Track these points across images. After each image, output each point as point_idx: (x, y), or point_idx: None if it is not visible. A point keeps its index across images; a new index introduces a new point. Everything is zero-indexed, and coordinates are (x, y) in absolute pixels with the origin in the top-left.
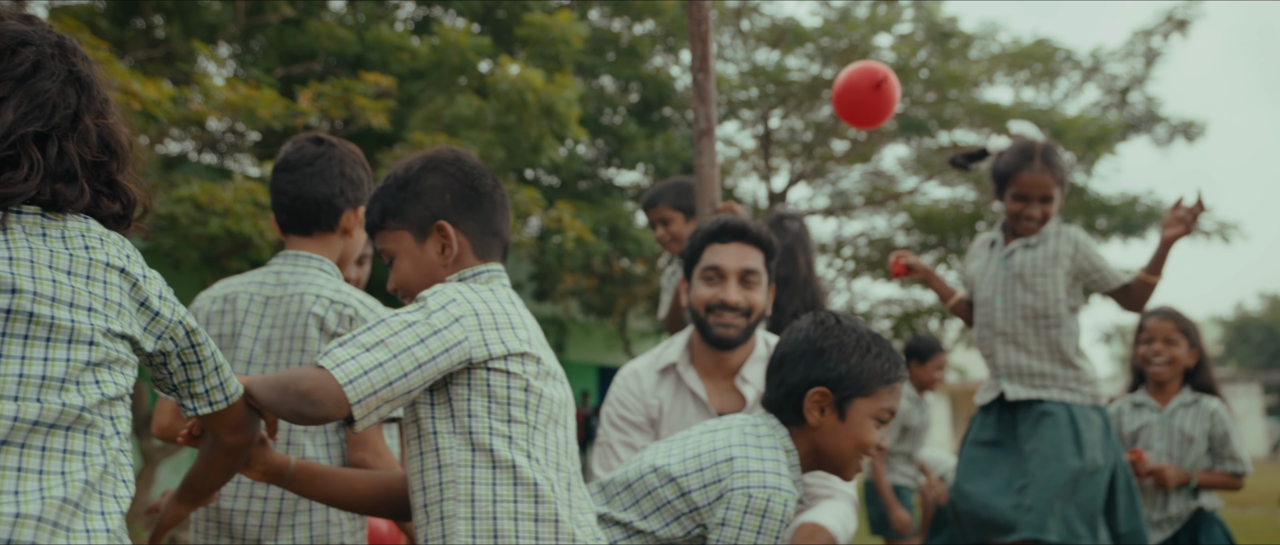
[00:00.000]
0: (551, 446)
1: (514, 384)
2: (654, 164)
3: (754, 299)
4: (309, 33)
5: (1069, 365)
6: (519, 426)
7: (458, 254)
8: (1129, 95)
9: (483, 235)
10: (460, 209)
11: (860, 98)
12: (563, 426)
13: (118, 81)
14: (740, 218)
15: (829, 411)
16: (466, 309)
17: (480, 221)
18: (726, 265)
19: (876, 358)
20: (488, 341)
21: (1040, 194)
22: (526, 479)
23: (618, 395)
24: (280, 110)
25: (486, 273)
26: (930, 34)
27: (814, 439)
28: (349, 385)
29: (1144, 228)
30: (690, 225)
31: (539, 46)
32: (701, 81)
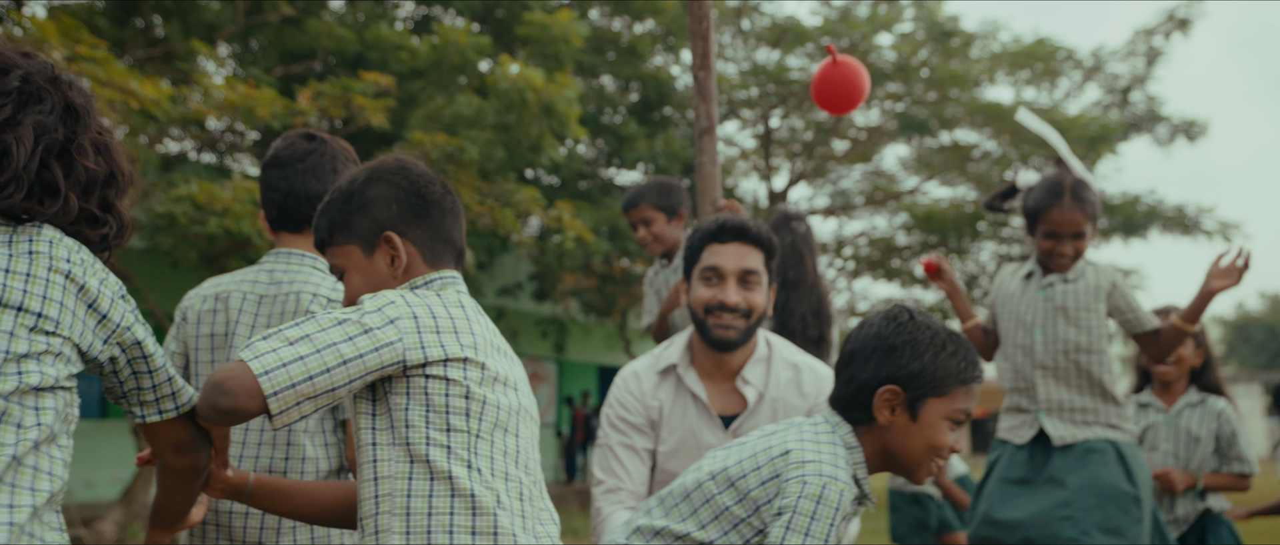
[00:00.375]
0: (498, 455)
1: (453, 391)
2: (654, 163)
3: (754, 300)
4: (308, 32)
5: (1111, 400)
6: (459, 435)
7: (407, 264)
8: (1130, 94)
9: (432, 243)
10: (407, 218)
11: (825, 79)
12: (513, 434)
13: (116, 80)
14: (739, 217)
15: (900, 411)
16: (403, 312)
17: (429, 230)
18: (725, 266)
19: (951, 356)
20: (424, 345)
21: (1072, 231)
22: (463, 490)
23: (618, 397)
24: (279, 109)
25: (439, 280)
26: (931, 33)
27: (884, 439)
28: (264, 376)
29: (1145, 227)
30: (673, 226)
31: (539, 45)
32: (702, 79)
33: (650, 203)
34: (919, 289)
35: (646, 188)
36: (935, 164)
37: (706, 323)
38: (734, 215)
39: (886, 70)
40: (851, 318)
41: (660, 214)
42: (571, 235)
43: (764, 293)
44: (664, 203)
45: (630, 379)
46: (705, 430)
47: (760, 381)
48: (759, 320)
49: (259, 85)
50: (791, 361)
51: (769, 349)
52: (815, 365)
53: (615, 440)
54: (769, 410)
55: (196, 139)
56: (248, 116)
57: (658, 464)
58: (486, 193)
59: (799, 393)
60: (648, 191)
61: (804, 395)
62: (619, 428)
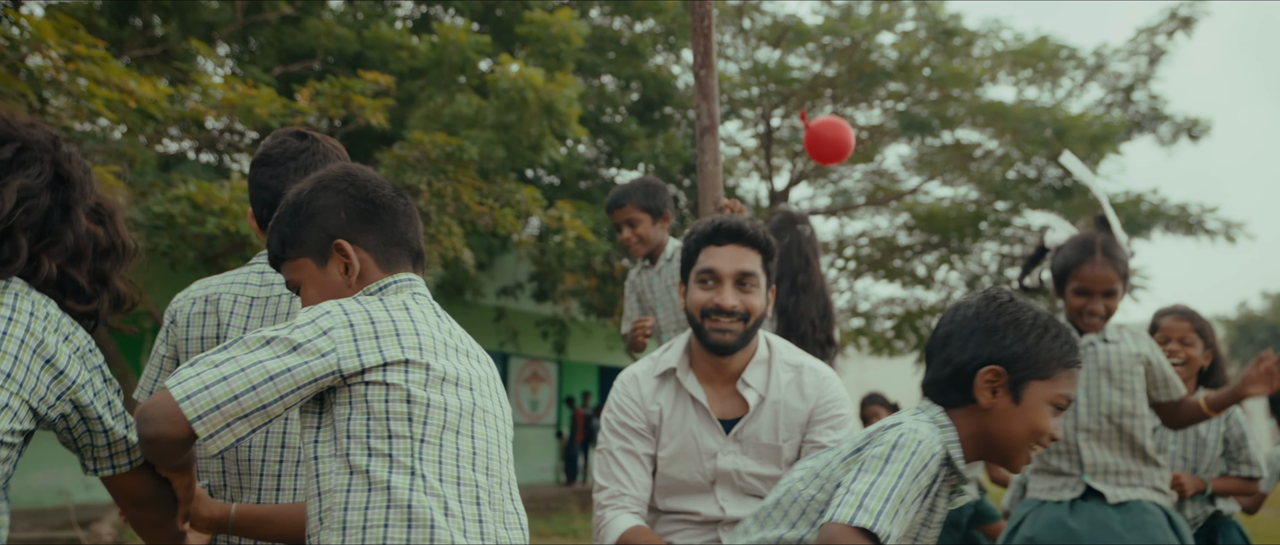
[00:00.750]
0: (448, 459)
1: (393, 396)
2: (655, 163)
3: (751, 303)
4: (307, 31)
5: (1152, 463)
6: (401, 441)
7: (361, 271)
8: (1133, 93)
9: (386, 247)
10: (357, 225)
11: (811, 140)
12: (467, 436)
13: (114, 79)
14: (736, 218)
15: (1002, 393)
16: (338, 321)
17: (381, 234)
18: (721, 268)
19: (1054, 339)
20: (361, 352)
21: (1103, 289)
22: (400, 501)
23: (617, 401)
24: (278, 109)
25: (393, 284)
26: (933, 32)
27: (983, 422)
28: (186, 401)
29: (1148, 227)
30: (658, 227)
31: (539, 45)
32: (704, 77)
33: (636, 203)
34: (920, 290)
35: (632, 188)
36: (937, 163)
37: (703, 326)
38: (730, 216)
39: (888, 69)
40: (853, 318)
41: (646, 215)
42: (572, 235)
43: (762, 295)
44: (650, 203)
45: (629, 383)
46: (706, 435)
47: (761, 384)
48: (758, 323)
49: (257, 85)
50: (792, 363)
51: (769, 351)
52: (816, 366)
53: (616, 446)
54: (770, 413)
55: (195, 139)
56: (246, 116)
57: (659, 469)
58: (486, 192)
59: (800, 395)
60: (633, 192)
61: (805, 397)
62: (619, 433)
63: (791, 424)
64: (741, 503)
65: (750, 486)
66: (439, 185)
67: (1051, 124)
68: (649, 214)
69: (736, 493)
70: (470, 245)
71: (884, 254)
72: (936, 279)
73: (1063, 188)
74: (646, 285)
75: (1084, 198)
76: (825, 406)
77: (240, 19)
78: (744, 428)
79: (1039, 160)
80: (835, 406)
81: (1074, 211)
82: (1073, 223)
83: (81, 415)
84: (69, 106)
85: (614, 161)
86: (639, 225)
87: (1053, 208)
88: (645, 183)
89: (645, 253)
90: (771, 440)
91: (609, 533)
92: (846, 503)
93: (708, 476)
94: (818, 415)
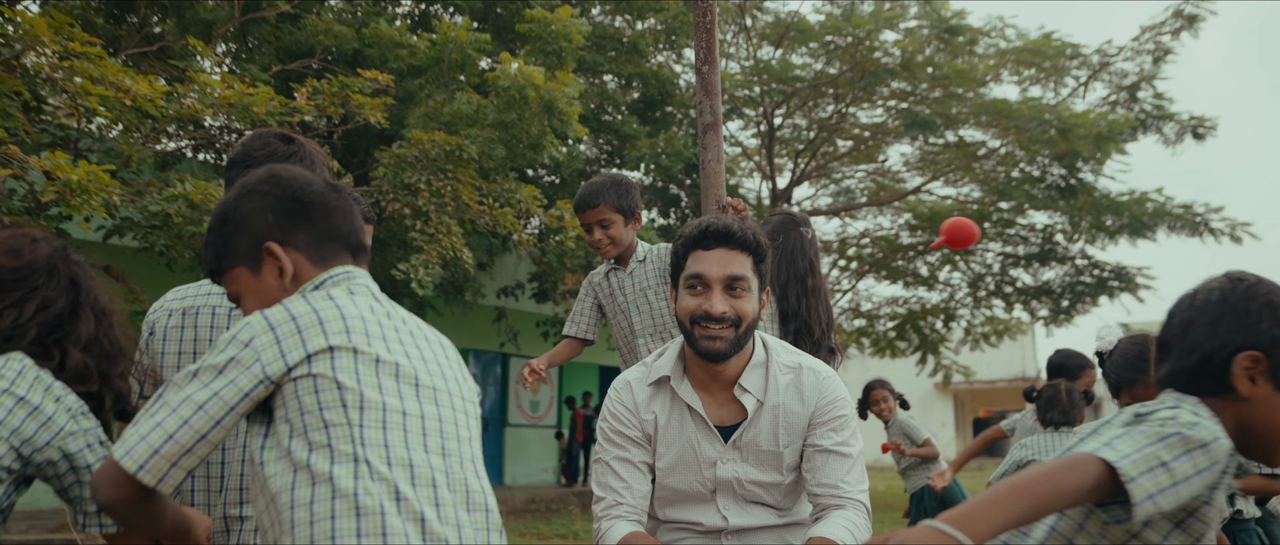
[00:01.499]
0: (395, 442)
1: (322, 385)
2: (656, 162)
3: (742, 308)
4: (306, 29)
5: None
6: (339, 429)
7: (294, 272)
8: (1137, 93)
9: (319, 244)
10: (285, 226)
11: (947, 234)
12: (416, 416)
13: (110, 77)
14: (724, 219)
15: (1262, 380)
16: (259, 328)
17: (312, 231)
18: (709, 273)
19: None
20: (284, 352)
21: None
22: (345, 491)
23: (611, 410)
24: (275, 107)
25: (330, 279)
26: (936, 29)
27: (1240, 413)
28: (125, 457)
29: (1153, 228)
30: (629, 229)
31: (540, 42)
32: (707, 74)
33: (610, 203)
34: (923, 289)
35: (604, 186)
36: (940, 163)
37: (694, 334)
38: (718, 218)
39: (892, 67)
40: (856, 318)
41: (619, 216)
42: (572, 234)
43: (754, 300)
44: (624, 203)
45: (623, 391)
46: (704, 443)
47: (759, 389)
48: (750, 329)
49: (255, 83)
50: (790, 364)
51: (767, 353)
52: (815, 365)
53: (612, 455)
54: (770, 418)
55: (192, 137)
56: (243, 114)
57: (658, 479)
58: (486, 192)
59: (799, 397)
60: (606, 190)
61: (804, 400)
62: (615, 441)
63: (792, 428)
64: (744, 511)
65: (752, 494)
66: (438, 184)
67: (1056, 122)
68: (622, 214)
69: (738, 501)
70: (470, 245)
71: (886, 254)
72: (939, 279)
73: (1067, 187)
74: (617, 288)
75: (1088, 197)
76: (826, 408)
77: (238, 16)
78: (743, 434)
79: (1043, 159)
80: (836, 407)
81: (1077, 211)
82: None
83: (71, 464)
84: (66, 105)
85: (615, 161)
86: (612, 226)
87: (1056, 207)
88: (617, 180)
89: (616, 255)
90: (772, 446)
91: (607, 542)
92: (1096, 441)
93: (708, 486)
94: (818, 417)
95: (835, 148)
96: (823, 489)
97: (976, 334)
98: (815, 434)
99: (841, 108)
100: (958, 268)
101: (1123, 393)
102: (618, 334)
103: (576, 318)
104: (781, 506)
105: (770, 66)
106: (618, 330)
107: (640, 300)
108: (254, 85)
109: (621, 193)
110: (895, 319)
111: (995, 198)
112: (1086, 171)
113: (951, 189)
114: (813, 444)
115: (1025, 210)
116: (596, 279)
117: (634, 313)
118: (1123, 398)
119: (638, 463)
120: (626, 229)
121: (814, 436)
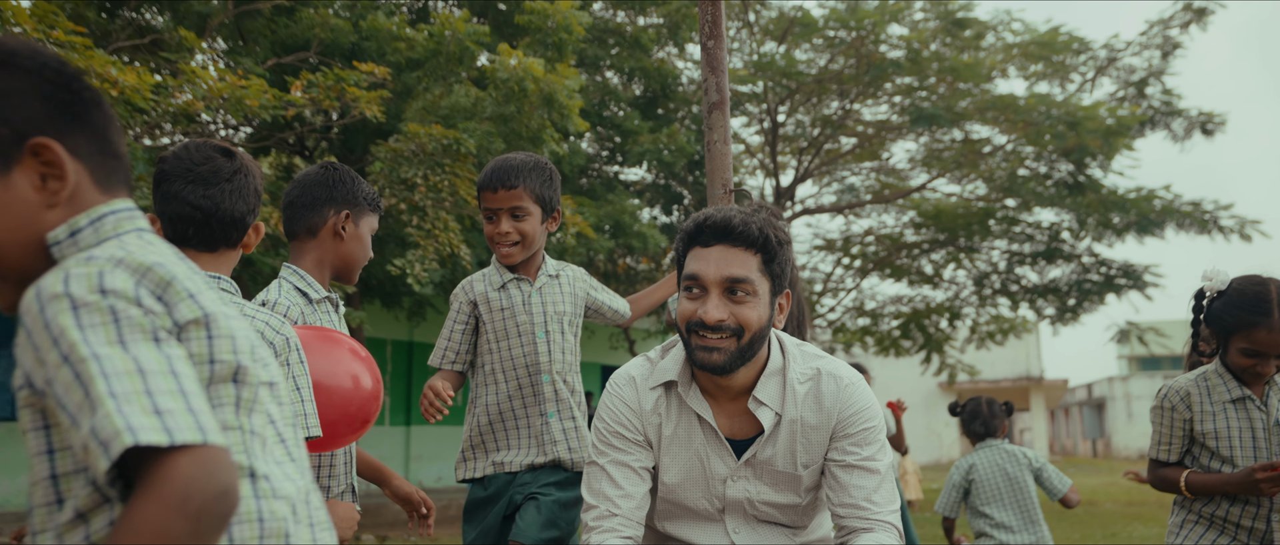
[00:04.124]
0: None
1: None
2: (659, 158)
3: (744, 315)
4: (302, 22)
5: None
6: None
7: (73, 188)
8: (1145, 88)
9: (103, 157)
10: (61, 119)
11: None
12: None
13: (96, 69)
14: (725, 211)
15: None
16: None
17: (94, 140)
18: (706, 274)
19: None
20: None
21: (1279, 351)
22: None
23: (611, 406)
24: (269, 100)
25: (117, 215)
26: (943, 23)
27: None
28: None
29: (1161, 225)
30: (546, 228)
31: (540, 35)
32: (712, 49)
33: (531, 188)
34: (928, 288)
35: (526, 166)
36: (945, 160)
37: (690, 342)
38: (719, 210)
39: (898, 61)
40: (860, 317)
41: (539, 208)
42: (573, 231)
43: (760, 305)
44: (546, 193)
45: (625, 387)
46: (714, 458)
47: (776, 400)
48: (756, 339)
49: (247, 76)
50: (808, 371)
51: (784, 358)
52: (836, 369)
53: (609, 458)
54: (788, 435)
55: (187, 132)
56: (235, 107)
57: (660, 494)
58: None
59: (817, 407)
60: (527, 172)
61: (824, 410)
62: (612, 443)
63: (811, 446)
64: (755, 531)
65: (765, 514)
66: (436, 179)
67: (1064, 117)
68: (541, 207)
69: (749, 521)
70: (470, 242)
71: (890, 252)
72: (944, 277)
73: (1074, 183)
74: (519, 305)
75: (1096, 194)
76: (849, 419)
77: (232, 9)
78: (758, 452)
79: (1050, 155)
80: (861, 418)
81: (1084, 208)
82: None
83: None
84: None
85: (617, 157)
86: (526, 219)
87: (1064, 204)
88: (540, 164)
89: (520, 258)
90: (789, 468)
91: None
92: None
93: (716, 503)
94: (841, 430)
95: (839, 145)
96: (847, 510)
97: (982, 333)
98: (837, 448)
99: (846, 104)
100: (963, 266)
101: (1234, 336)
102: (500, 364)
103: (447, 343)
104: (797, 525)
105: (774, 62)
106: (503, 360)
107: (553, 326)
108: (247, 78)
109: (545, 179)
110: (899, 318)
111: (1001, 195)
112: (1095, 167)
113: (956, 186)
114: (834, 460)
115: (1031, 207)
116: (485, 290)
117: (540, 339)
118: (1235, 340)
119: (637, 468)
120: (541, 227)
121: (836, 451)
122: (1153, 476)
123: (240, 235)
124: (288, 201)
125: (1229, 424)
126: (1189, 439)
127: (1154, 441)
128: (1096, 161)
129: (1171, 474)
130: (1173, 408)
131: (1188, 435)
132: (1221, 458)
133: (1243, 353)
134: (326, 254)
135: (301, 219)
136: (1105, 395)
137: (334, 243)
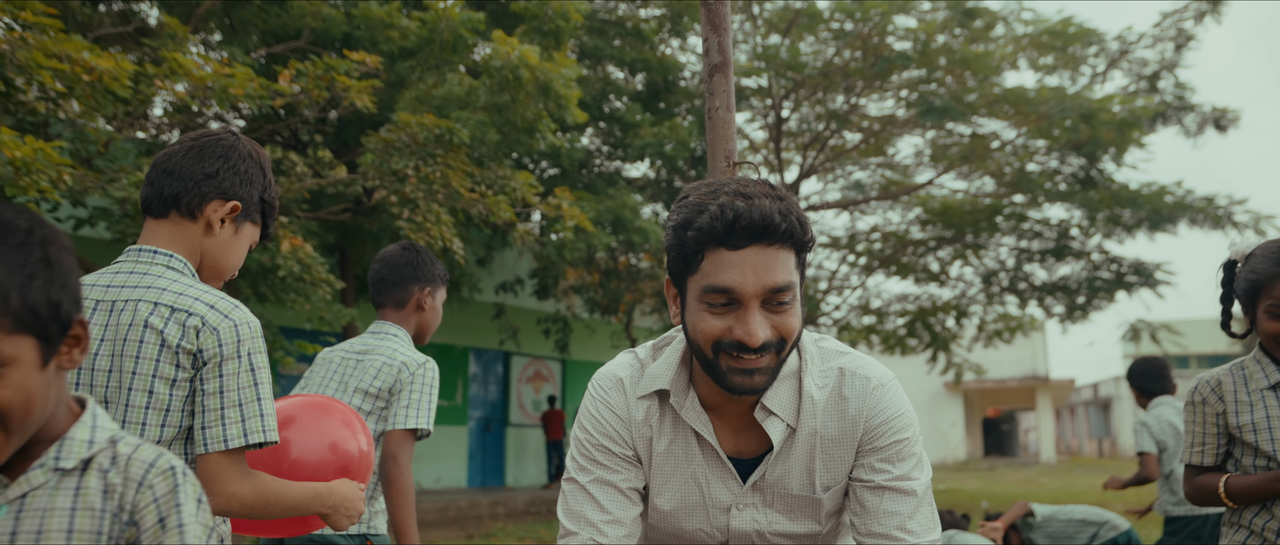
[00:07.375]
0: None
1: None
2: (660, 153)
3: (787, 325)
4: (292, 11)
5: None
6: None
7: None
8: (1158, 82)
9: None
10: None
11: None
12: None
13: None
14: (759, 207)
15: None
16: None
17: None
18: (743, 287)
19: None
20: None
21: None
22: None
23: (594, 413)
24: (255, 89)
25: None
26: (954, 12)
27: None
28: None
29: (1174, 220)
30: (437, 296)
31: (536, 21)
32: (714, 6)
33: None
34: (934, 286)
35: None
36: (953, 156)
37: (719, 366)
38: (749, 200)
39: (907, 53)
40: (866, 315)
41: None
42: (570, 224)
43: (799, 307)
44: (433, 274)
45: (612, 391)
46: (715, 482)
47: (789, 410)
48: (794, 346)
49: (234, 63)
50: (830, 372)
51: (800, 358)
52: (864, 368)
53: (591, 476)
54: (804, 450)
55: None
56: (221, 96)
57: (653, 522)
58: (479, 178)
59: (839, 414)
60: None
61: (847, 418)
62: (596, 458)
63: (833, 463)
64: None
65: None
66: (427, 170)
67: (1076, 109)
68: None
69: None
70: (465, 237)
71: (896, 249)
72: (950, 275)
73: (1086, 178)
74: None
75: (1107, 189)
76: (878, 429)
77: None
78: (767, 473)
79: (1062, 149)
80: (893, 428)
81: (1095, 204)
82: None
83: None
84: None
85: (618, 151)
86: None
87: (1074, 200)
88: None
89: None
90: (806, 491)
91: None
92: None
93: (719, 535)
94: (869, 442)
95: (844, 141)
96: (877, 542)
97: (989, 331)
98: (864, 465)
99: (852, 98)
100: (969, 263)
101: (1260, 296)
102: None
103: None
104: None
105: (778, 55)
106: None
107: None
108: (231, 65)
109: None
110: (905, 316)
111: (1008, 191)
112: (1107, 161)
113: (963, 182)
114: (861, 479)
115: (1040, 204)
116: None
117: None
118: (1262, 301)
119: (625, 489)
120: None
121: (862, 469)
122: (1189, 486)
123: (193, 203)
124: (375, 277)
125: (1269, 413)
126: (1227, 437)
127: (1187, 444)
128: (1109, 155)
129: (1209, 481)
130: (1204, 400)
131: (1224, 433)
132: (1265, 455)
133: (1269, 313)
134: (409, 323)
135: (390, 293)
136: (1111, 395)
137: (417, 315)
